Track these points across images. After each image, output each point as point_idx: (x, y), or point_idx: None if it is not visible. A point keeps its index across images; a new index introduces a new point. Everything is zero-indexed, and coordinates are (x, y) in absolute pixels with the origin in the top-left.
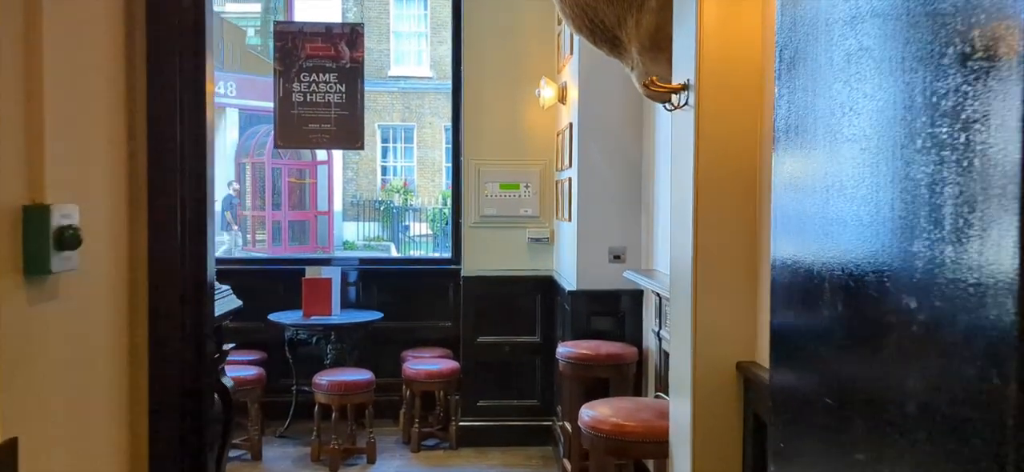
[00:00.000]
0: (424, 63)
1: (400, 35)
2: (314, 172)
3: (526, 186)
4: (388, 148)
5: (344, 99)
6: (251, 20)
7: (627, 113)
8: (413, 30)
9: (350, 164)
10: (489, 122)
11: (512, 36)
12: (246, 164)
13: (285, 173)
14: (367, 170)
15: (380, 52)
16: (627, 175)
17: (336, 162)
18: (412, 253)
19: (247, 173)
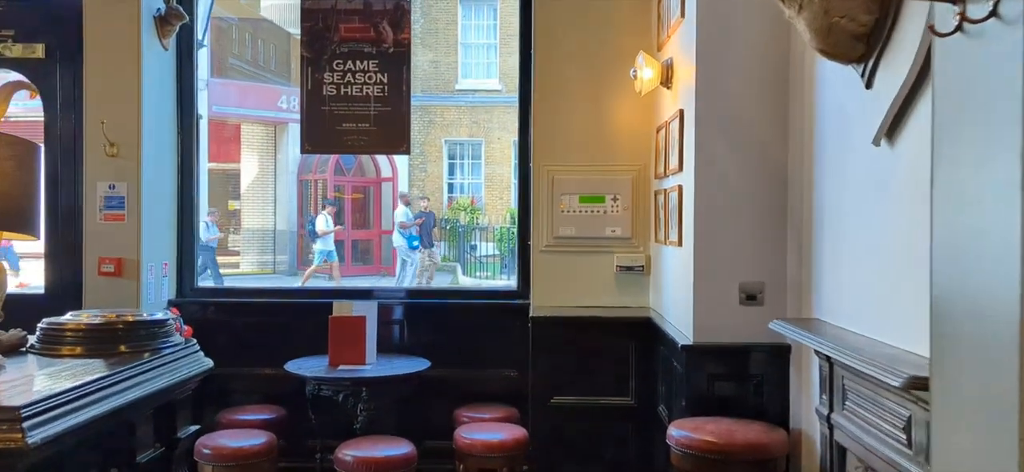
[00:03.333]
0: (494, 75)
1: (468, 47)
2: (378, 189)
3: (614, 199)
4: (455, 164)
5: (386, 92)
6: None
7: (767, 94)
8: (482, 41)
9: (416, 181)
10: (566, 116)
11: (595, 2)
12: (309, 181)
13: (348, 190)
14: (433, 187)
15: (448, 65)
16: (766, 181)
17: (401, 178)
18: (478, 275)
19: (310, 191)
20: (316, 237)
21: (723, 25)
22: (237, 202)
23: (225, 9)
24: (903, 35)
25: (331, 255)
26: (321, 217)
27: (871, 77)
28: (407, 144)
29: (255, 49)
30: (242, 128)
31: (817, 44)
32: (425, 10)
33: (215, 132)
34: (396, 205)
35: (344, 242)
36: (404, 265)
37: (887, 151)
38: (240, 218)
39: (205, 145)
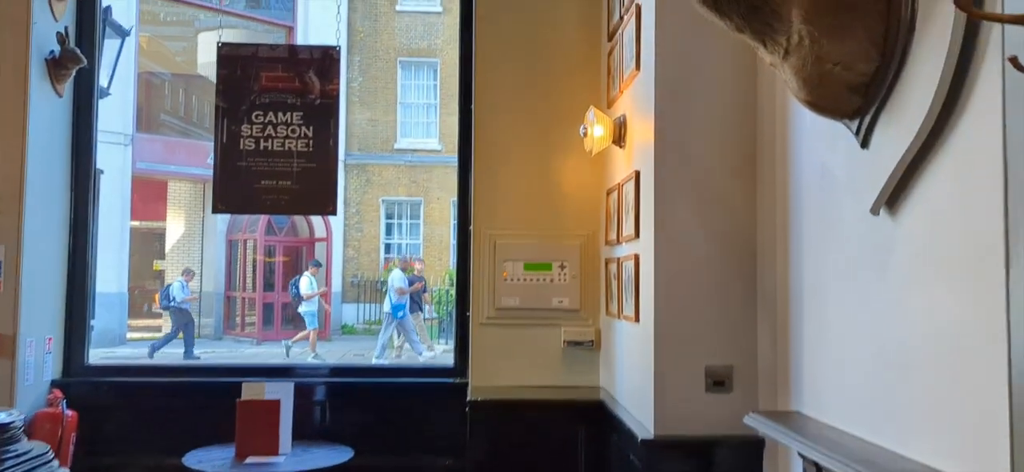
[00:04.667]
0: (433, 135)
1: (408, 106)
2: (311, 249)
3: (561, 267)
4: (392, 224)
5: (311, 147)
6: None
7: (733, 153)
8: (422, 101)
9: (351, 240)
10: (509, 177)
11: (542, 56)
12: (237, 242)
13: (280, 250)
14: (369, 247)
15: (386, 124)
16: (735, 251)
17: (336, 238)
18: None
19: (238, 251)
20: (300, 300)
21: (684, 76)
22: (162, 262)
23: (158, 64)
24: (910, 86)
25: (314, 318)
26: (305, 278)
27: (868, 135)
28: (333, 204)
29: (188, 104)
30: (169, 185)
31: (805, 95)
32: (363, 68)
33: (140, 189)
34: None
35: (273, 305)
36: (385, 329)
37: (887, 222)
38: (164, 279)
39: (125, 202)
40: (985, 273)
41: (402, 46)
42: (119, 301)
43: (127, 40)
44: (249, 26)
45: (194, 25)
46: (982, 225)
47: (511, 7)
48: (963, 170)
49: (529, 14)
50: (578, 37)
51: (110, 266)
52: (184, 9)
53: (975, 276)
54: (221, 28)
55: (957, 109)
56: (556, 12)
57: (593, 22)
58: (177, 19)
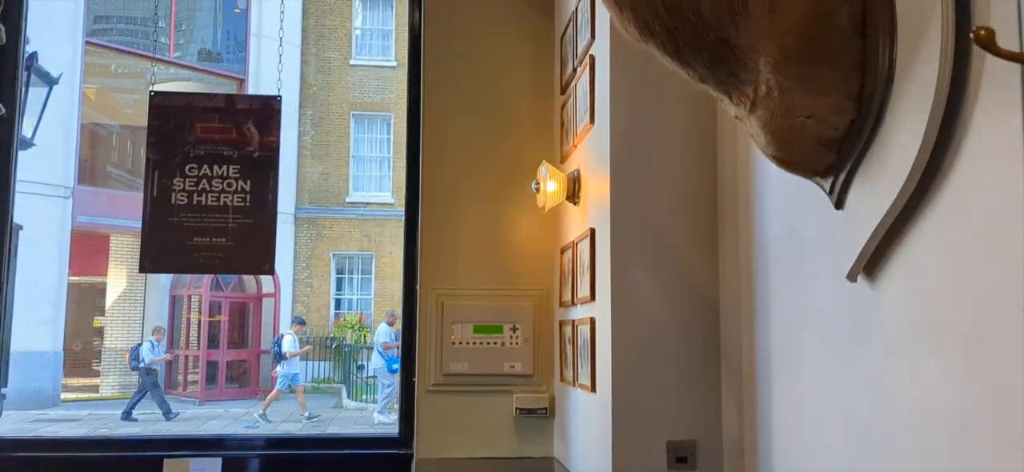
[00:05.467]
0: (386, 188)
1: (360, 160)
2: (259, 306)
3: (513, 329)
4: (343, 279)
5: (248, 202)
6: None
7: (693, 211)
8: (375, 154)
9: (300, 296)
10: (458, 233)
11: (493, 109)
12: (181, 297)
13: (226, 307)
14: (319, 303)
15: (338, 177)
16: (696, 317)
17: (284, 293)
18: (363, 398)
19: (182, 307)
20: (282, 359)
21: (641, 130)
22: (102, 319)
23: (106, 116)
24: (888, 142)
25: (296, 379)
26: (288, 337)
27: (843, 194)
28: (270, 263)
29: (136, 156)
30: (111, 239)
31: (774, 151)
32: (316, 122)
33: (81, 244)
34: (276, 327)
35: (218, 363)
36: (383, 387)
37: (866, 289)
38: (103, 336)
39: (63, 257)
40: (984, 345)
41: (355, 100)
42: (54, 360)
43: (72, 90)
44: (202, 78)
45: (146, 77)
46: (978, 293)
47: (461, 58)
48: (953, 234)
49: (479, 65)
50: (530, 89)
51: (45, 323)
52: (136, 61)
53: (969, 349)
54: (172, 80)
55: (944, 167)
56: (507, 64)
57: (545, 74)
58: (128, 71)
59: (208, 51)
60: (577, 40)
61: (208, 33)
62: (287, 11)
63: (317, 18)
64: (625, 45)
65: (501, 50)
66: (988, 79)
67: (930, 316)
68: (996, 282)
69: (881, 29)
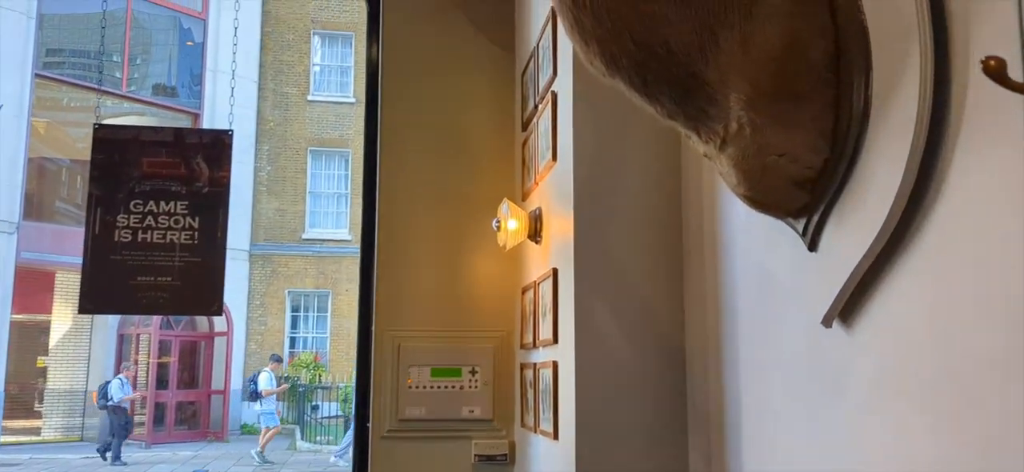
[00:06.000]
0: (343, 225)
1: (317, 196)
2: (211, 345)
3: (472, 372)
4: (298, 317)
5: (196, 240)
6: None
7: (658, 250)
8: (332, 191)
9: (254, 335)
10: (416, 272)
11: (452, 144)
12: (129, 336)
13: (176, 346)
14: (273, 341)
15: (295, 213)
16: (662, 362)
17: (238, 331)
18: (317, 439)
19: (130, 346)
20: (258, 397)
21: (604, 167)
22: (46, 358)
23: (55, 150)
24: (864, 182)
25: (273, 419)
26: (264, 374)
27: (816, 236)
28: (219, 303)
29: (86, 192)
30: (57, 276)
31: (745, 190)
32: (272, 158)
33: (25, 281)
34: (228, 366)
35: (166, 404)
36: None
37: (842, 335)
38: (47, 376)
39: (5, 294)
40: (972, 397)
41: (313, 135)
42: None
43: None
44: (156, 113)
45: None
46: (965, 342)
47: (420, 94)
48: (936, 278)
49: (439, 101)
50: (490, 125)
51: None
52: (89, 95)
53: (955, 401)
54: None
55: (924, 207)
56: (467, 100)
57: (506, 110)
58: (80, 105)
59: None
60: (538, 76)
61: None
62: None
63: (275, 54)
64: (588, 81)
65: (461, 86)
66: (969, 117)
67: (912, 366)
68: (984, 329)
69: (855, 66)
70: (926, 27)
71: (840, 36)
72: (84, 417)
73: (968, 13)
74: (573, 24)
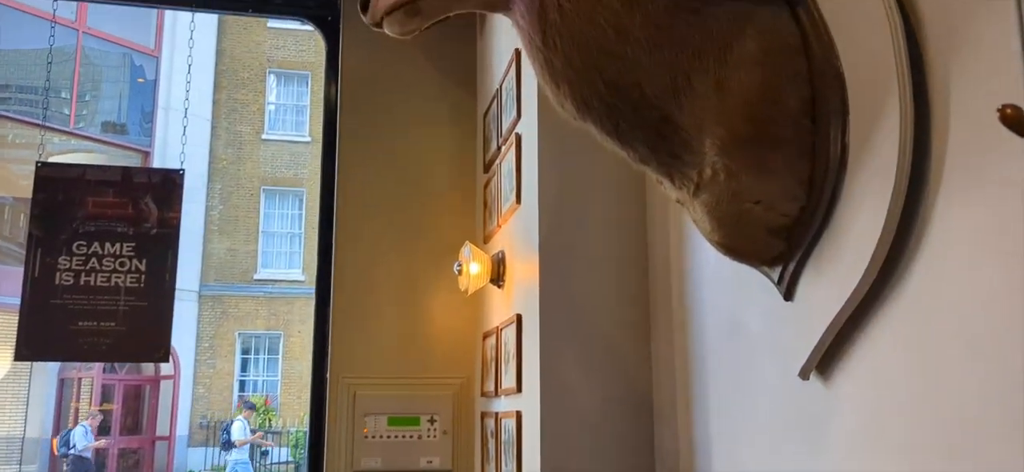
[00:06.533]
0: (297, 265)
1: (270, 236)
2: (156, 389)
3: (430, 421)
4: (249, 359)
5: (143, 283)
6: None
7: (624, 297)
8: (285, 231)
9: (202, 377)
10: (374, 316)
11: (412, 185)
12: (70, 381)
13: (119, 391)
14: (222, 385)
15: (246, 253)
16: (630, 412)
17: (185, 374)
18: None
19: (71, 391)
20: (231, 447)
21: (570, 211)
22: None
23: None
24: (842, 230)
25: (246, 468)
26: (237, 423)
27: (792, 285)
28: (165, 350)
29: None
30: None
31: (720, 238)
32: (225, 197)
33: None
34: (174, 412)
35: (107, 452)
36: None
37: (819, 388)
38: None
39: None
40: (960, 454)
41: (267, 175)
42: None
43: None
44: (105, 150)
45: (44, 148)
46: (951, 395)
47: (378, 134)
48: (919, 328)
49: (398, 141)
50: (451, 166)
51: None
52: (35, 132)
53: (943, 459)
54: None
55: (906, 256)
56: (428, 140)
57: (467, 151)
58: (26, 142)
59: (113, 123)
60: (502, 117)
61: (113, 104)
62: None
63: (229, 92)
64: (553, 123)
65: (421, 126)
66: (951, 165)
67: (894, 420)
68: (968, 383)
69: (832, 112)
70: (904, 74)
71: (816, 82)
72: (21, 465)
73: (948, 60)
74: (543, 66)
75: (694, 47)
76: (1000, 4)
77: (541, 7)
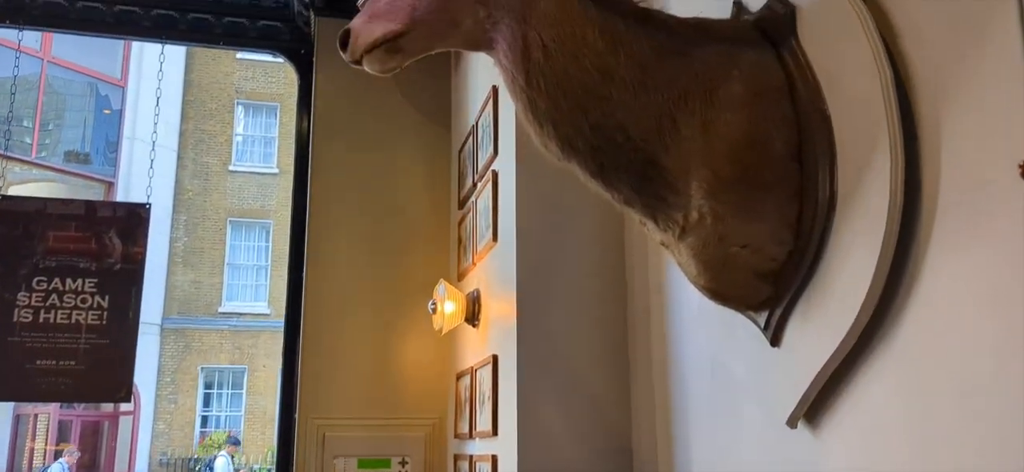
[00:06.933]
0: (262, 298)
1: (236, 268)
2: (115, 424)
3: (401, 463)
4: (212, 394)
5: (105, 320)
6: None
7: (603, 339)
8: (251, 263)
9: (163, 413)
10: (344, 355)
11: (385, 220)
12: (25, 417)
13: (76, 428)
14: (183, 421)
15: (211, 286)
16: (609, 459)
17: (145, 410)
18: None
19: (27, 426)
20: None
21: (549, 250)
22: None
23: None
24: (831, 275)
25: None
26: (220, 458)
27: (779, 330)
28: (127, 389)
29: None
30: None
31: (706, 282)
32: (190, 228)
33: None
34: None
35: None
36: None
37: (808, 437)
38: None
39: None
40: None
41: (233, 206)
42: None
43: None
44: (67, 181)
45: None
46: (943, 446)
47: (351, 168)
48: (911, 378)
49: (371, 175)
50: (425, 202)
51: None
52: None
53: None
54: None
55: (897, 304)
56: (401, 175)
57: (441, 186)
58: None
59: (76, 152)
60: (478, 154)
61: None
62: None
63: (196, 122)
64: (532, 161)
65: (395, 161)
66: (944, 211)
67: (884, 470)
68: (960, 433)
69: (819, 156)
70: (895, 122)
71: (802, 124)
72: None
73: (939, 110)
74: (527, 106)
75: (680, 89)
76: (993, 57)
77: (525, 47)
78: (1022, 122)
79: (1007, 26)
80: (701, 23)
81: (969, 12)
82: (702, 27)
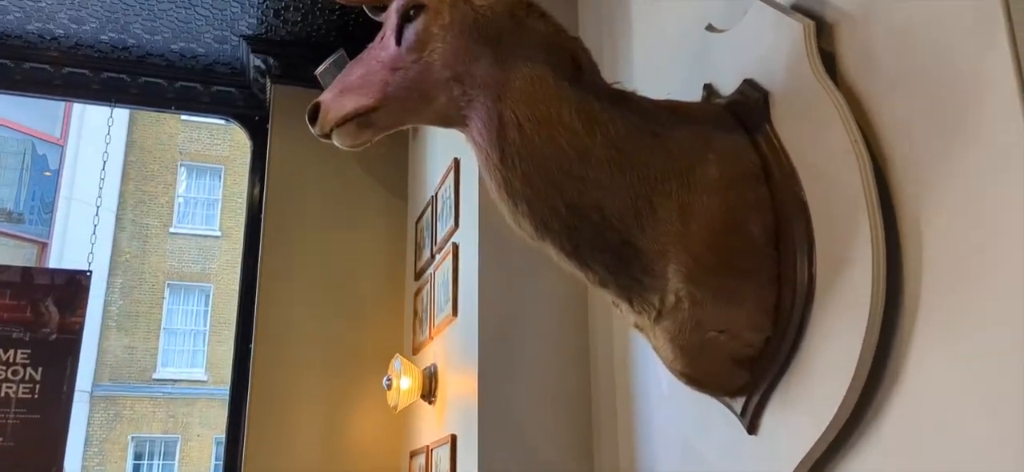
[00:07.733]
0: (199, 364)
1: (173, 332)
2: None
3: None
4: (142, 465)
5: (37, 394)
6: None
7: (567, 421)
8: (189, 327)
9: None
10: (293, 433)
11: (338, 291)
12: None
13: None
14: None
15: (146, 352)
16: None
17: None
18: None
19: None
20: None
21: (512, 328)
22: None
23: None
24: (811, 362)
25: None
26: None
27: (756, 418)
28: (58, 465)
29: None
30: None
31: (682, 367)
32: (126, 292)
33: None
34: None
35: None
36: None
37: None
38: None
39: None
40: None
41: (172, 269)
42: None
43: None
44: None
45: None
46: None
47: (304, 235)
48: (893, 470)
49: (325, 243)
50: (380, 272)
51: None
52: None
53: None
54: None
55: (880, 393)
56: (355, 243)
57: (397, 256)
58: None
59: (8, 211)
60: (436, 225)
61: (10, 192)
62: (106, 175)
63: (137, 184)
64: (495, 236)
65: (349, 229)
66: (928, 301)
67: None
68: None
69: (797, 241)
70: (875, 211)
71: (779, 210)
72: None
73: (917, 195)
74: (501, 184)
75: (657, 170)
76: (969, 145)
77: (500, 125)
78: (1007, 214)
79: (988, 113)
80: (675, 106)
81: (948, 99)
82: (676, 109)
